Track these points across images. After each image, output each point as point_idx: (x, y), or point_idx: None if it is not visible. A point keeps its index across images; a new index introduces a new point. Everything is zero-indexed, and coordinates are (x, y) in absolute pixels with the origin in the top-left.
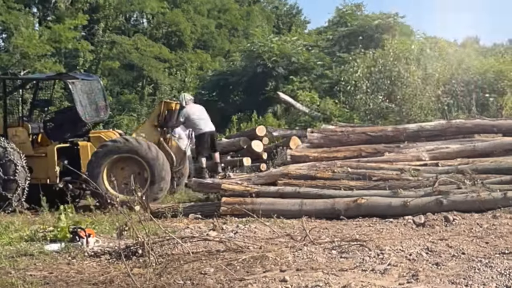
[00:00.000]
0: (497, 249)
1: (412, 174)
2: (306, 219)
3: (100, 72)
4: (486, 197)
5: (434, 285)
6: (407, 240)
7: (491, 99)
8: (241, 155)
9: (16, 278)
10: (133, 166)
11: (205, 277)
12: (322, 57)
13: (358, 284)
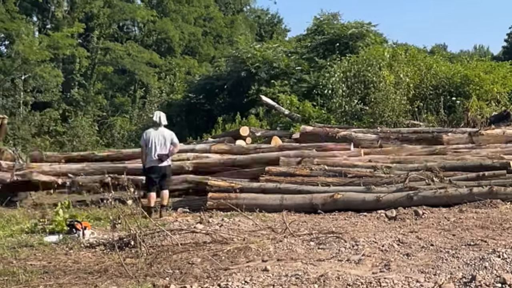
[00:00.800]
0: (463, 241)
1: (385, 171)
2: (286, 213)
3: (95, 77)
4: (453, 192)
5: (405, 274)
6: (380, 232)
7: (457, 102)
8: None
9: (17, 267)
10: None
11: (192, 267)
12: (301, 63)
13: (334, 273)
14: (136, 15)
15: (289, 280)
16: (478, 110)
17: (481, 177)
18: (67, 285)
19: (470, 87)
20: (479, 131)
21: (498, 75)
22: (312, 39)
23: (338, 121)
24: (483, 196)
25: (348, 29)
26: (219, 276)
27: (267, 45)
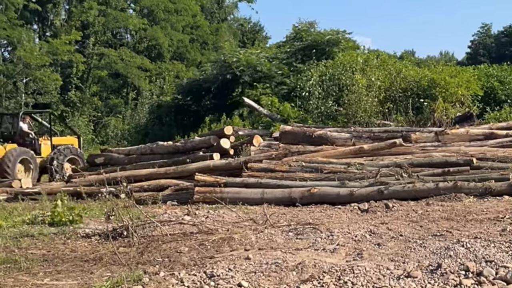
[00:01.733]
0: (430, 231)
1: (357, 167)
2: (266, 206)
3: (91, 80)
4: (421, 187)
5: (376, 262)
6: (353, 224)
7: (425, 104)
8: (211, 151)
9: (19, 255)
10: None
11: (180, 255)
12: (281, 67)
13: (311, 261)
14: (128, 23)
15: (270, 267)
16: (443, 111)
17: (447, 173)
18: (65, 272)
19: (436, 90)
20: (445, 130)
21: (462, 79)
22: (291, 45)
23: (315, 121)
24: (448, 190)
25: (324, 36)
26: (205, 264)
27: (250, 51)
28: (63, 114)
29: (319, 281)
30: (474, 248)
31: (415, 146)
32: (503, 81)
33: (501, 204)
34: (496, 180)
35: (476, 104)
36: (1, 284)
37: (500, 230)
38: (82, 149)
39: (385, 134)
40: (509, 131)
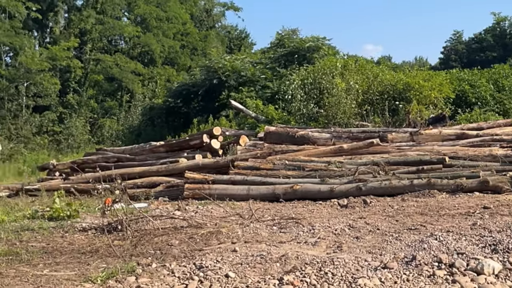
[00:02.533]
0: (405, 225)
1: (337, 165)
2: (252, 201)
3: (88, 84)
4: (396, 184)
5: (355, 254)
6: (333, 218)
7: (400, 106)
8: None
9: (20, 248)
10: None
11: (171, 248)
12: (265, 72)
13: (294, 253)
14: (123, 31)
15: (255, 259)
16: (418, 113)
17: (421, 170)
18: (63, 264)
19: (411, 93)
20: (419, 131)
21: (435, 82)
22: (275, 51)
23: (297, 122)
24: (422, 187)
25: (305, 42)
26: (194, 256)
27: (236, 57)
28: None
29: (301, 272)
30: (447, 241)
31: (391, 145)
32: (473, 84)
33: (472, 200)
34: (467, 177)
35: (448, 106)
36: (3, 275)
37: (471, 224)
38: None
39: (363, 134)
40: (479, 132)
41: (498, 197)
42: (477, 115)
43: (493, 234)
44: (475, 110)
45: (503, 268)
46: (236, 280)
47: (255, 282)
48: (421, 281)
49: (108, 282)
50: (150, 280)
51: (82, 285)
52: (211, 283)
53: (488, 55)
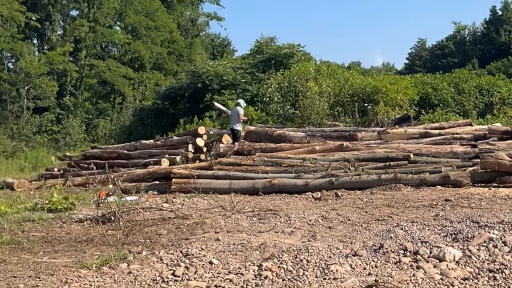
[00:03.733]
0: (373, 216)
1: (311, 162)
2: (234, 195)
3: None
4: (366, 178)
5: (328, 243)
6: (307, 210)
7: (369, 107)
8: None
9: (22, 237)
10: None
11: (160, 237)
12: (245, 76)
13: (272, 242)
14: (115, 38)
15: (236, 247)
16: (385, 113)
17: (388, 166)
18: (61, 251)
19: (378, 95)
20: (386, 130)
21: (401, 86)
22: (254, 57)
23: (275, 122)
24: (389, 181)
25: (282, 49)
26: (181, 244)
27: (218, 62)
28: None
29: (279, 259)
30: (412, 231)
31: (361, 143)
32: (436, 88)
33: (434, 193)
34: (430, 172)
35: (412, 107)
36: (6, 262)
37: (434, 215)
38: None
39: (335, 133)
40: (441, 131)
41: (458, 191)
42: (439, 115)
43: (454, 224)
44: (437, 111)
45: (463, 255)
46: (219, 266)
47: (237, 268)
48: (388, 267)
49: (102, 268)
50: (140, 267)
51: (79, 271)
52: (196, 269)
53: (450, 61)
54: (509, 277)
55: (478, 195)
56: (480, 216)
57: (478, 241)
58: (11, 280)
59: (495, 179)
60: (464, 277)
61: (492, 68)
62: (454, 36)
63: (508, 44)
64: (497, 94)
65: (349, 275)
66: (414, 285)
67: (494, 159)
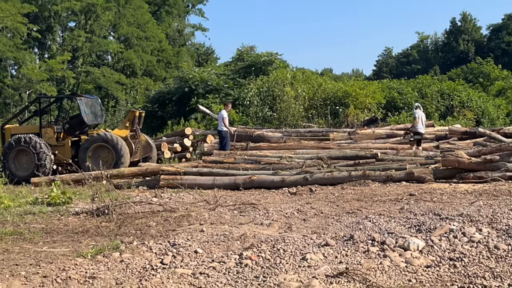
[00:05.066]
0: (344, 210)
1: (287, 160)
2: (217, 190)
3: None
4: (337, 175)
5: (302, 233)
6: (284, 204)
7: (340, 110)
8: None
9: (23, 229)
10: (105, 150)
11: (149, 228)
12: (227, 81)
13: (251, 233)
14: (109, 48)
15: (219, 238)
16: (355, 116)
17: (357, 164)
18: (60, 242)
19: (349, 99)
20: (356, 131)
21: (369, 90)
22: (236, 64)
23: (254, 124)
24: (358, 177)
25: (261, 57)
26: (168, 235)
27: (203, 69)
28: None
29: (258, 248)
30: (379, 223)
31: (333, 143)
32: (401, 92)
33: (400, 188)
34: (396, 169)
35: (380, 110)
36: (9, 251)
37: (399, 208)
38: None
39: (309, 134)
40: (405, 131)
41: (422, 186)
42: (404, 117)
43: (417, 216)
44: (402, 114)
45: (426, 245)
46: (203, 255)
47: (219, 257)
48: (357, 256)
49: (96, 257)
50: (131, 256)
51: (75, 260)
52: (183, 257)
53: (414, 68)
54: (468, 264)
55: (440, 190)
56: (441, 209)
57: (439, 232)
58: (14, 267)
59: (455, 175)
60: (427, 265)
61: (452, 74)
62: (417, 45)
63: (467, 52)
64: (457, 98)
65: (322, 263)
66: (381, 273)
67: (454, 157)
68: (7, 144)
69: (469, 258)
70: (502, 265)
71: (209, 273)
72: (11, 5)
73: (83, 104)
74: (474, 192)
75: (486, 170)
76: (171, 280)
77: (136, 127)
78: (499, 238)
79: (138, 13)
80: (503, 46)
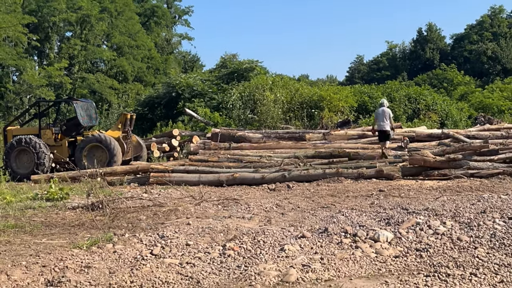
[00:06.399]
0: (319, 204)
1: (267, 158)
2: (202, 186)
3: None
4: (313, 172)
5: (281, 226)
6: (264, 199)
7: (315, 113)
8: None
9: (24, 222)
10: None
11: (140, 222)
12: (212, 86)
13: (234, 226)
14: (102, 55)
15: (204, 230)
16: (329, 118)
17: (331, 162)
18: (57, 234)
19: (324, 103)
20: (330, 132)
21: (342, 95)
22: (219, 71)
23: (237, 125)
24: (332, 175)
25: (243, 64)
26: (157, 228)
27: (189, 75)
28: None
29: (240, 240)
30: (351, 216)
31: (309, 143)
32: (372, 96)
33: (370, 185)
34: (367, 167)
35: (352, 113)
36: (11, 243)
37: (370, 203)
38: None
39: (287, 134)
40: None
41: (390, 183)
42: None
43: (386, 211)
44: (372, 116)
45: (394, 237)
46: (190, 246)
47: (204, 248)
48: (331, 247)
49: (91, 248)
50: (124, 247)
51: (72, 250)
52: (171, 248)
53: (383, 74)
54: (433, 255)
55: (407, 186)
56: (408, 204)
57: (407, 225)
58: (15, 258)
59: (421, 173)
60: (395, 255)
61: (419, 80)
62: (387, 53)
63: (432, 59)
64: (423, 101)
65: (299, 253)
66: (353, 262)
67: (420, 156)
68: (9, 144)
69: (434, 249)
70: (464, 255)
71: (195, 263)
72: (13, 16)
73: (79, 107)
74: (438, 188)
75: (450, 168)
76: (160, 269)
77: (127, 129)
78: (461, 231)
79: (130, 23)
80: (465, 54)
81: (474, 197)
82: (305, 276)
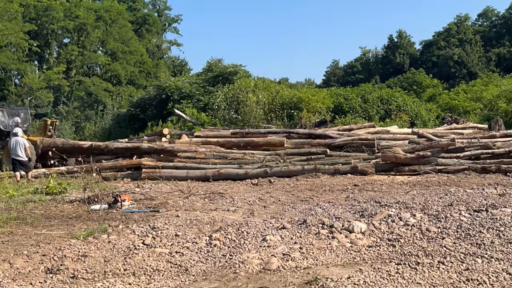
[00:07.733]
0: (298, 198)
1: (250, 156)
2: (190, 181)
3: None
4: (292, 168)
5: (263, 218)
6: (247, 193)
7: (295, 113)
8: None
9: (26, 214)
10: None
11: (132, 214)
12: (199, 89)
13: (220, 218)
14: (98, 60)
15: (192, 222)
16: (307, 118)
17: (309, 159)
18: (56, 225)
19: (302, 104)
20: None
21: (319, 96)
22: (206, 74)
23: (222, 125)
24: (310, 171)
25: (227, 68)
26: (149, 220)
27: (178, 78)
28: None
29: (225, 231)
30: (328, 209)
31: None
32: (347, 98)
33: (346, 180)
34: (343, 164)
35: (329, 113)
36: (14, 234)
37: (345, 197)
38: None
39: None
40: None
41: (364, 178)
42: (349, 119)
43: (361, 204)
44: (348, 116)
45: (368, 228)
46: (178, 236)
47: (192, 238)
48: (310, 237)
49: (88, 238)
50: (117, 237)
51: (70, 241)
52: (161, 238)
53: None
54: (404, 244)
55: (380, 181)
56: (381, 197)
57: (379, 217)
58: (17, 247)
59: (393, 168)
60: (369, 245)
61: (390, 83)
62: (361, 58)
63: (403, 64)
64: (394, 103)
65: (280, 243)
66: (330, 251)
67: (392, 153)
68: None
69: (405, 239)
70: (433, 245)
71: (183, 252)
72: (15, 24)
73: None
74: (409, 183)
75: (419, 164)
76: (151, 258)
77: (51, 133)
78: (430, 222)
79: (123, 31)
80: (433, 59)
81: (442, 191)
82: (286, 264)
